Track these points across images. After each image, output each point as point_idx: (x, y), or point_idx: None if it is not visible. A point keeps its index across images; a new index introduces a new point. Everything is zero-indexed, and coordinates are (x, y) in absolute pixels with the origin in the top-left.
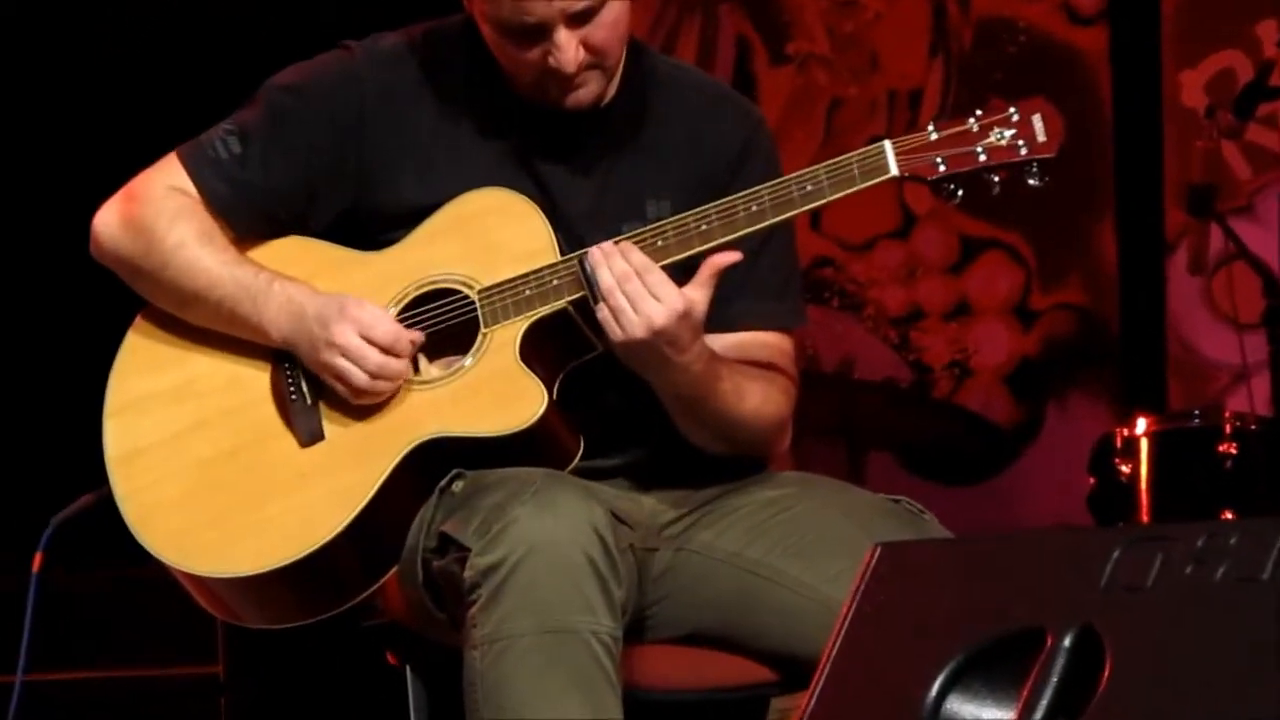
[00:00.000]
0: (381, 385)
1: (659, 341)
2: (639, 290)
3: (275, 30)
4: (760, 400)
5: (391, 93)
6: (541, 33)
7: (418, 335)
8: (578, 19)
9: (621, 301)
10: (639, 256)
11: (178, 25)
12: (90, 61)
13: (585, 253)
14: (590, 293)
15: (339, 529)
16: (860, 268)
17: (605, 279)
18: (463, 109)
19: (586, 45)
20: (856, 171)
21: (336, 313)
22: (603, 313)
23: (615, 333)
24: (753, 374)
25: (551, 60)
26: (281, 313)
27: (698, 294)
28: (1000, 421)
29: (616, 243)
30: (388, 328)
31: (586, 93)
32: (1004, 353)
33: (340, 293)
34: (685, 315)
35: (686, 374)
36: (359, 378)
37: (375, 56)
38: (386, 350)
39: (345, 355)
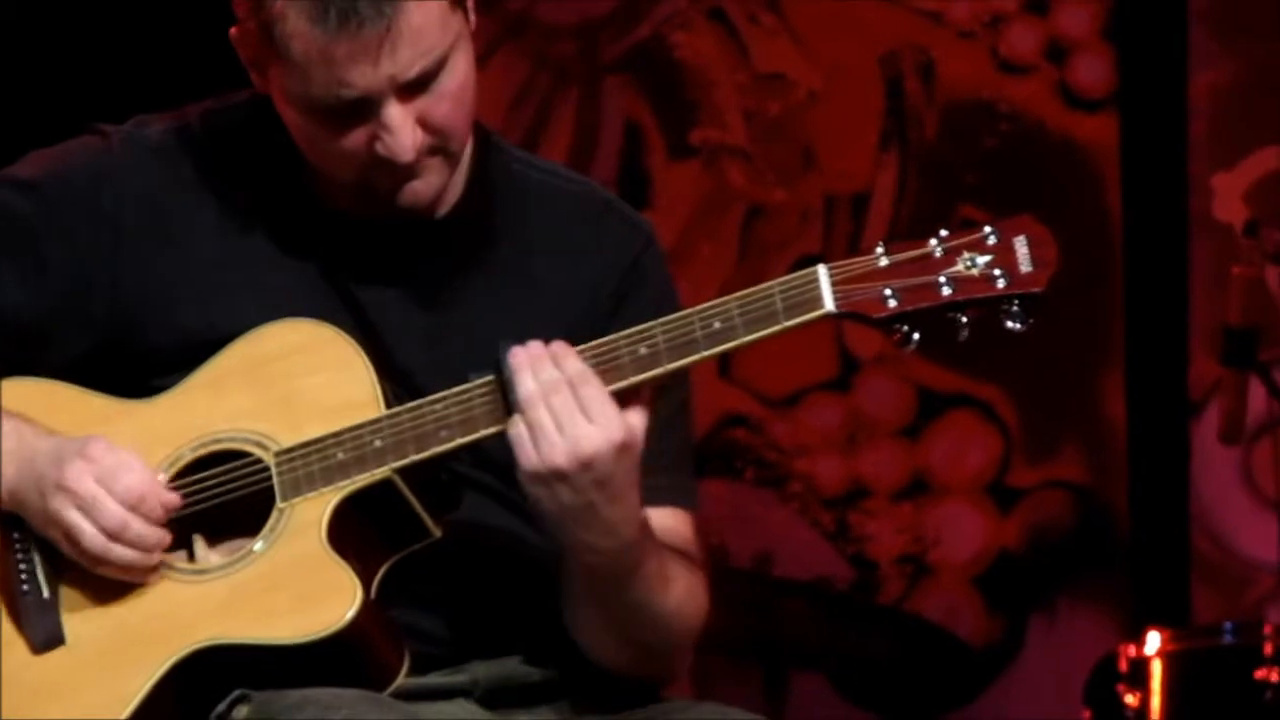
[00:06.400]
0: (121, 554)
1: (585, 480)
2: (567, 404)
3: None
4: (685, 593)
5: (158, 197)
6: (365, 110)
7: (173, 498)
8: (412, 88)
9: (542, 416)
10: (575, 363)
11: None
12: None
13: (506, 350)
14: (504, 400)
15: None
16: (784, 429)
17: (526, 385)
18: (256, 216)
19: (424, 124)
20: (780, 306)
21: (75, 451)
22: (516, 428)
23: (528, 457)
24: (675, 556)
25: (380, 147)
26: (10, 458)
27: (638, 420)
28: (968, 637)
29: (548, 343)
30: (132, 480)
31: (425, 186)
32: (975, 545)
33: None
34: (624, 449)
35: (613, 538)
36: (90, 537)
37: (138, 147)
38: (130, 509)
39: (78, 506)
